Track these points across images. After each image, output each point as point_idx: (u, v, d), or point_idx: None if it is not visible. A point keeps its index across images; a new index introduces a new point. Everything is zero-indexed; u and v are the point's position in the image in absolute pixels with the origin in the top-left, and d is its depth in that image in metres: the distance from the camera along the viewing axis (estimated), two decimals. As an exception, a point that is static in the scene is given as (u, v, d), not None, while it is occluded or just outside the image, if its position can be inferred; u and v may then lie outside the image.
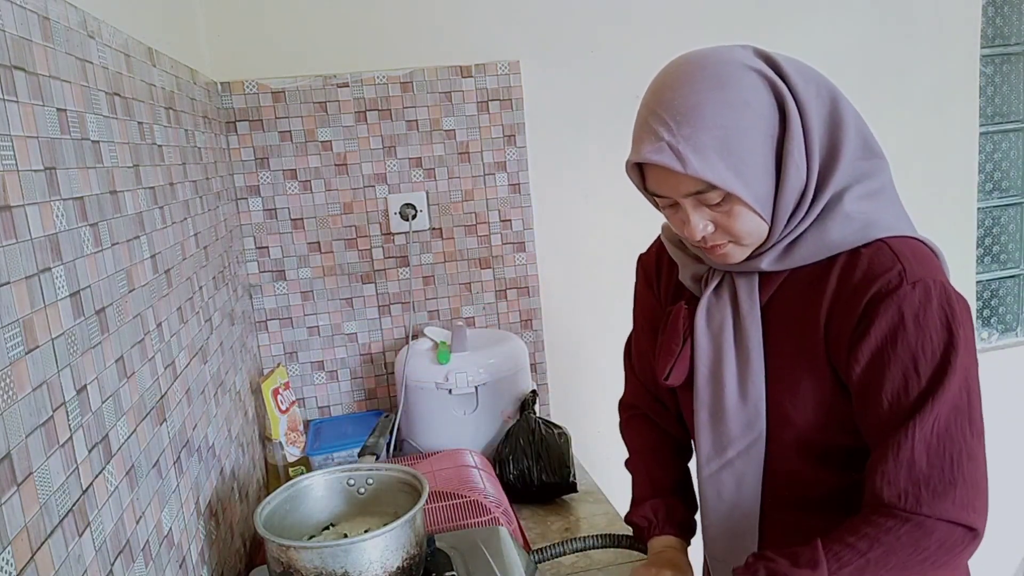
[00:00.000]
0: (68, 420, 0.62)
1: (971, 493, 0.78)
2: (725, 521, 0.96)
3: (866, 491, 0.82)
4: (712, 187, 0.80)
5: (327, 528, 1.03)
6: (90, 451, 0.65)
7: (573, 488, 1.41)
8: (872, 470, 0.82)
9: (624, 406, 1.17)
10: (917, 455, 0.78)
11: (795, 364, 0.87)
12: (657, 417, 1.11)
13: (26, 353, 0.56)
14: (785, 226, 0.85)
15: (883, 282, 0.80)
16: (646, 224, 1.17)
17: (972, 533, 0.79)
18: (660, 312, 1.05)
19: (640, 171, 0.88)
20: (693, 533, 1.05)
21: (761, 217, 0.83)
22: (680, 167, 0.79)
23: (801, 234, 0.86)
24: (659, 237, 1.07)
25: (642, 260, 1.11)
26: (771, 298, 0.90)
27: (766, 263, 0.87)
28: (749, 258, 0.89)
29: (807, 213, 0.85)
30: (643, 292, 1.10)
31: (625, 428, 1.15)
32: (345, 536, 1.00)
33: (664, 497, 1.05)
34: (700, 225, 0.85)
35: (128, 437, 0.75)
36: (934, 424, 0.78)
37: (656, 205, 0.91)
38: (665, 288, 1.05)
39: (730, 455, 0.93)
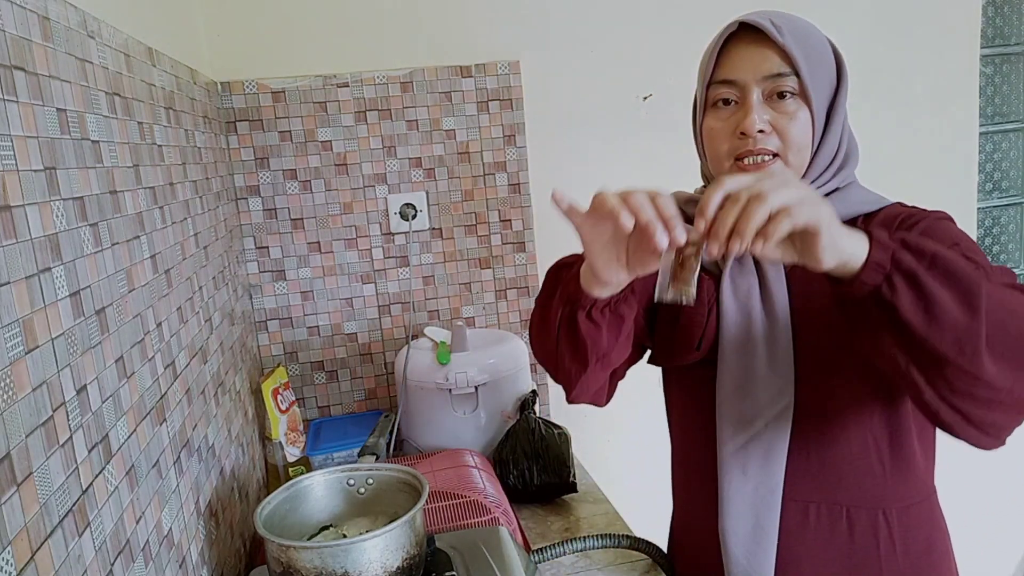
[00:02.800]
0: (68, 420, 0.62)
1: None
2: (748, 499, 0.92)
3: None
4: (793, 72, 0.85)
5: (327, 528, 1.03)
6: (90, 451, 0.65)
7: (573, 488, 1.41)
8: None
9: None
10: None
11: (827, 328, 0.86)
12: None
13: (26, 353, 0.56)
14: (814, 180, 0.90)
15: (905, 214, 0.88)
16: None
17: None
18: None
19: (715, 65, 0.89)
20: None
21: (813, 135, 0.88)
22: (777, 34, 0.84)
23: (827, 195, 0.90)
24: None
25: None
26: (794, 265, 0.90)
27: None
28: None
29: (824, 185, 0.90)
30: None
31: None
32: (345, 536, 1.00)
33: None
34: (759, 119, 0.86)
35: (128, 437, 0.75)
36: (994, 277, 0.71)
37: (700, 121, 0.92)
38: None
39: (758, 427, 0.91)
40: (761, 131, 0.86)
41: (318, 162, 1.67)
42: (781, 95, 0.86)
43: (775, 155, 0.87)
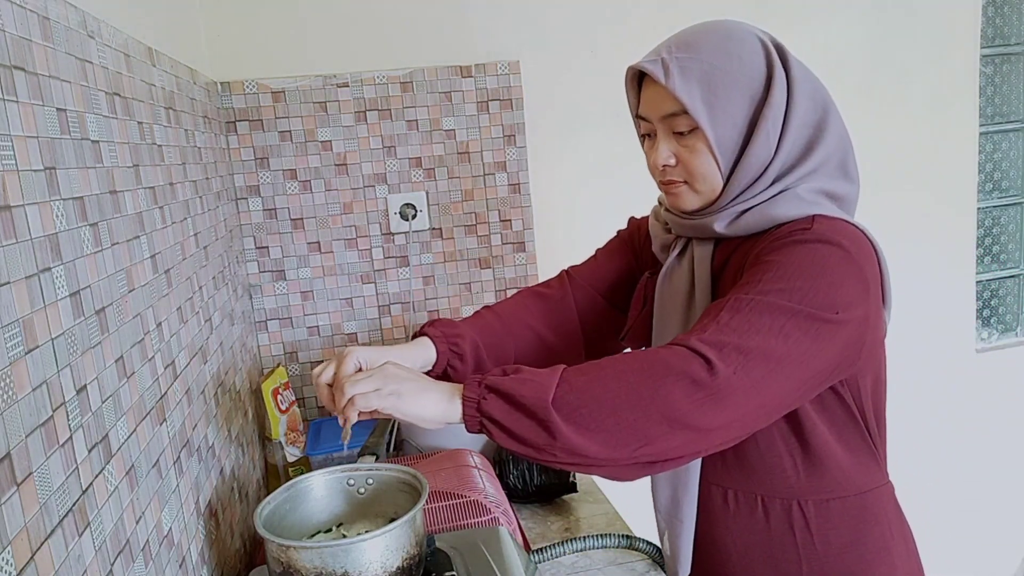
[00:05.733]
0: (68, 420, 0.62)
1: (732, 341, 0.78)
2: (667, 475, 1.01)
3: None
4: (683, 112, 0.88)
5: (328, 529, 1.03)
6: (90, 451, 0.65)
7: (573, 488, 1.41)
8: None
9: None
10: (721, 316, 0.81)
11: None
12: (555, 297, 1.15)
13: (26, 353, 0.56)
14: (741, 193, 0.91)
15: (788, 230, 0.87)
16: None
17: (709, 369, 0.76)
18: (631, 257, 1.15)
19: (638, 98, 0.96)
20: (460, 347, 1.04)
21: (718, 165, 0.90)
22: (662, 78, 0.88)
23: (754, 207, 0.92)
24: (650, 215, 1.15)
25: (634, 219, 1.20)
26: (723, 266, 0.96)
27: (719, 225, 0.93)
28: (704, 217, 0.94)
29: (762, 191, 0.91)
30: (623, 237, 1.19)
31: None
32: (345, 536, 1.00)
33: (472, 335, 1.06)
34: (664, 153, 0.92)
35: (128, 437, 0.75)
36: (752, 302, 0.80)
37: (641, 139, 0.99)
38: (644, 253, 1.13)
39: None
40: (667, 165, 0.93)
41: (318, 162, 1.67)
42: (679, 132, 0.91)
43: (684, 182, 0.93)
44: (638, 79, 0.96)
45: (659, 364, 0.78)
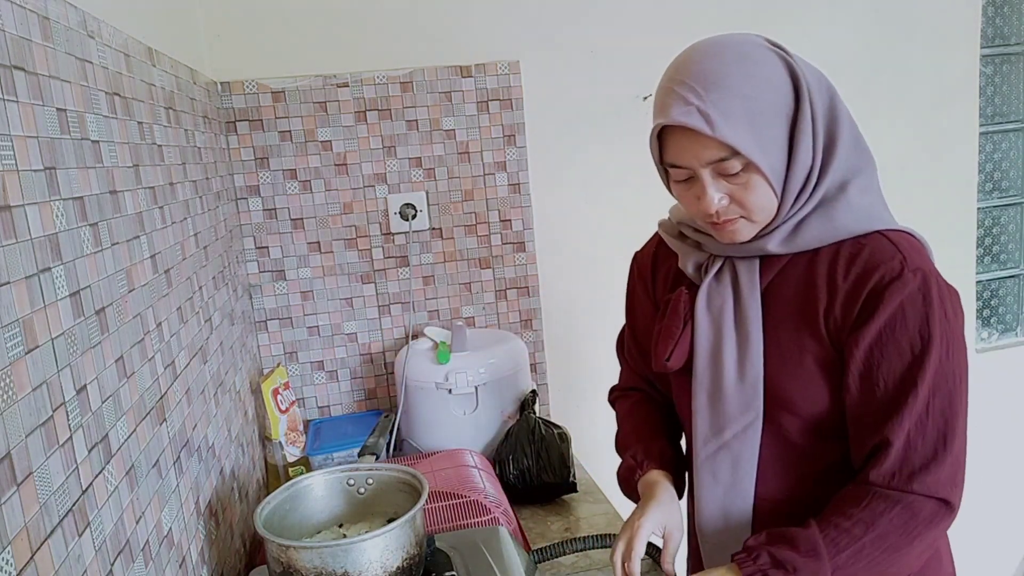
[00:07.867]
0: (68, 420, 0.62)
1: (953, 468, 0.84)
2: (719, 502, 0.97)
3: (858, 471, 0.88)
4: (735, 154, 0.83)
5: (328, 529, 1.03)
6: (90, 451, 0.65)
7: (573, 488, 1.41)
8: (861, 450, 0.87)
9: (617, 389, 1.20)
10: (910, 434, 0.84)
11: (796, 345, 0.89)
12: (650, 396, 1.15)
13: (26, 353, 0.56)
14: (791, 206, 0.88)
15: (886, 270, 0.85)
16: (646, 224, 1.17)
17: (949, 507, 0.85)
18: (652, 307, 1.08)
19: (659, 142, 0.89)
20: (679, 469, 1.05)
21: (774, 191, 0.86)
22: (708, 130, 0.81)
23: (806, 217, 0.89)
24: (655, 234, 1.10)
25: (637, 257, 1.13)
26: (771, 283, 0.93)
27: (773, 244, 0.89)
28: (756, 239, 0.91)
29: (811, 196, 0.88)
30: (636, 287, 1.12)
31: (617, 403, 1.18)
32: (345, 536, 1.00)
33: (646, 442, 1.07)
34: (716, 197, 0.86)
35: (128, 437, 0.75)
36: (926, 404, 0.84)
37: (667, 182, 0.93)
38: (663, 282, 1.07)
39: (727, 436, 0.94)
40: (720, 204, 0.87)
41: (318, 162, 1.67)
42: (728, 175, 0.85)
43: (741, 216, 0.88)
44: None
45: (919, 528, 0.84)
